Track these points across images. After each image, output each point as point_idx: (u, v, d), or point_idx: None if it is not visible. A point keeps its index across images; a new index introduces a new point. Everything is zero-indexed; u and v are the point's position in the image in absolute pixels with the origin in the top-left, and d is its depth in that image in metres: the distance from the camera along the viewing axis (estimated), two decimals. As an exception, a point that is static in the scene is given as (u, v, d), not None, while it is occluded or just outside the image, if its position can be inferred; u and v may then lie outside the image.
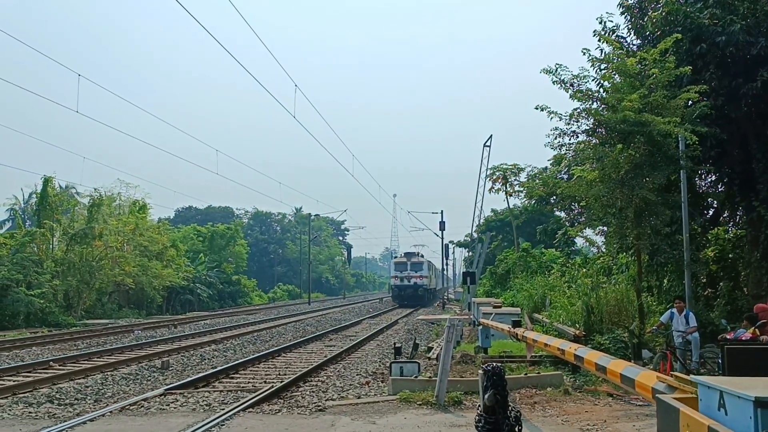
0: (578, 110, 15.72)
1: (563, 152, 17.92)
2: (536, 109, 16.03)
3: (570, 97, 15.80)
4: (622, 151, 14.65)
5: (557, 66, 15.76)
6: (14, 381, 14.51)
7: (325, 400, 11.62)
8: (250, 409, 10.69)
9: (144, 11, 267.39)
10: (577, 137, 16.30)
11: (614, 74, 15.65)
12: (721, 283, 19.61)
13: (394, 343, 18.67)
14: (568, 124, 15.97)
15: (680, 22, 16.88)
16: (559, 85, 15.80)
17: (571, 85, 15.74)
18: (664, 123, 14.16)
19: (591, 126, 15.97)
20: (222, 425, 9.52)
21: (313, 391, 12.75)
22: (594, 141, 16.15)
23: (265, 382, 14.25)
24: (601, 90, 16.10)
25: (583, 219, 20.26)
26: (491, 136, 54.94)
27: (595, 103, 15.81)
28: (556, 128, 16.20)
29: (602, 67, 15.92)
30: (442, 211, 56.58)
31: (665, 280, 20.45)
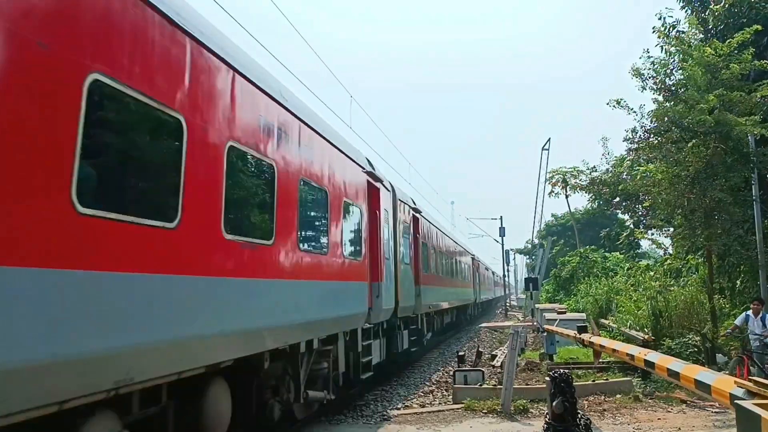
0: (660, 110, 15.66)
1: (628, 155, 17.83)
2: (608, 105, 16.17)
3: (651, 89, 15.87)
4: (693, 148, 14.19)
5: (640, 56, 15.89)
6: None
7: (390, 410, 11.60)
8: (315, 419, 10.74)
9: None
10: (650, 136, 16.40)
11: (693, 64, 15.27)
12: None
13: (457, 351, 18.56)
14: (646, 121, 16.16)
15: (744, 14, 16.33)
16: (639, 80, 15.87)
17: (651, 78, 15.72)
18: (747, 125, 13.70)
19: (664, 126, 15.70)
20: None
21: (377, 400, 12.74)
22: (659, 140, 15.84)
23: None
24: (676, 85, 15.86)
25: (647, 220, 19.75)
26: (549, 140, 54.06)
27: (671, 102, 15.48)
28: (633, 128, 16.91)
29: (678, 57, 15.58)
30: (501, 216, 55.90)
31: (738, 282, 19.66)
